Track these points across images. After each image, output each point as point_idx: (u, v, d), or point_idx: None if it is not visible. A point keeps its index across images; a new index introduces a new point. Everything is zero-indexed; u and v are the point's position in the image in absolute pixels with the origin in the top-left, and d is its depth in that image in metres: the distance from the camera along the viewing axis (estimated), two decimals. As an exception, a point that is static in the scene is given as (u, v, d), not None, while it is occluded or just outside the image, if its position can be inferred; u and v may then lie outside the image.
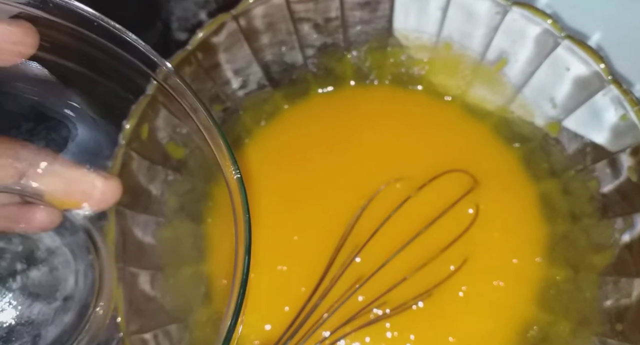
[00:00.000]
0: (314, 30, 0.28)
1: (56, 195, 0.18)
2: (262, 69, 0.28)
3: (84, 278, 0.20)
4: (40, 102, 0.19)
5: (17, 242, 0.20)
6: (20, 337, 0.19)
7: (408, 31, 0.28)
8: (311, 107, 0.30)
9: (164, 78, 0.17)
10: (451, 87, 0.29)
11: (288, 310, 0.25)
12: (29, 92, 0.19)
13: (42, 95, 0.19)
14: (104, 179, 0.18)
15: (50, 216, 0.19)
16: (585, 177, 0.26)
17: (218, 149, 0.16)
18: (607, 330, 0.23)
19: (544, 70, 0.26)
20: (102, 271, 0.21)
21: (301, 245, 0.27)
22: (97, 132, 0.20)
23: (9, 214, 0.19)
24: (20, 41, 0.16)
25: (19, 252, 0.20)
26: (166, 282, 0.23)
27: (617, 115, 0.24)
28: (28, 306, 0.19)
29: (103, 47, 0.17)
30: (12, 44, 0.16)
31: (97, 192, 0.18)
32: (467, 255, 0.26)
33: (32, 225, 0.19)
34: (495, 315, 0.26)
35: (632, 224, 0.24)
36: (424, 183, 0.27)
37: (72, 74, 0.18)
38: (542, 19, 0.24)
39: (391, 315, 0.25)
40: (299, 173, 0.28)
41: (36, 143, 0.19)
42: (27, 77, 0.18)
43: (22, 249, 0.20)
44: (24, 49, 0.16)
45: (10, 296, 0.19)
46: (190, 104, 0.17)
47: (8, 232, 0.20)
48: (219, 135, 0.16)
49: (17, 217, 0.19)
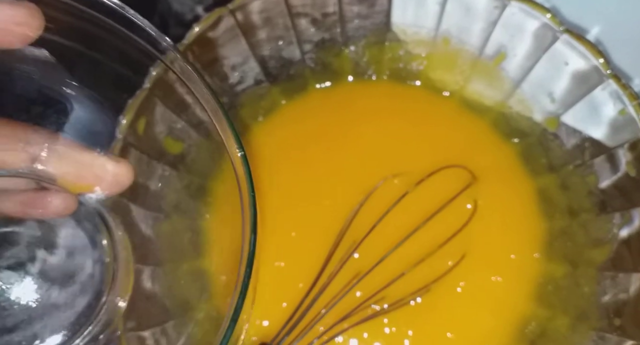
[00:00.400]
0: (311, 25, 0.27)
1: (68, 179, 0.18)
2: (259, 64, 0.28)
3: (99, 262, 0.21)
4: (45, 85, 0.19)
5: (35, 228, 0.20)
6: (40, 320, 0.19)
7: (406, 26, 0.28)
8: (309, 102, 0.29)
9: (171, 61, 0.17)
10: (449, 82, 0.29)
11: (286, 306, 0.25)
12: (35, 75, 0.18)
13: (46, 78, 0.19)
14: (116, 162, 0.18)
15: (66, 201, 0.19)
16: (583, 172, 0.26)
17: (223, 129, 0.16)
18: (605, 325, 0.23)
19: (543, 64, 0.26)
20: (116, 255, 0.21)
21: (299, 241, 0.27)
22: (101, 114, 0.20)
23: (25, 199, 0.19)
24: (25, 23, 0.16)
25: (38, 237, 0.20)
26: (165, 278, 0.23)
27: (615, 110, 0.24)
28: (46, 290, 0.20)
29: (109, 27, 0.16)
30: (17, 26, 0.15)
31: (109, 175, 0.18)
32: (465, 250, 0.26)
33: (48, 211, 0.19)
34: (493, 310, 0.26)
35: (630, 219, 0.24)
36: (422, 178, 0.27)
37: (75, 54, 0.18)
38: (540, 13, 0.24)
39: (389, 310, 0.25)
40: (296, 169, 0.28)
41: (47, 127, 0.19)
42: (32, 59, 0.18)
43: (40, 234, 0.20)
44: (30, 31, 0.16)
45: (30, 280, 0.20)
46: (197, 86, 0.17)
47: (25, 218, 0.20)
48: (224, 116, 0.16)
49: (34, 202, 0.19)
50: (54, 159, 0.18)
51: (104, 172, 0.18)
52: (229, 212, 0.20)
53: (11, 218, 0.20)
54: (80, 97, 0.19)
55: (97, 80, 0.19)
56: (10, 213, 0.20)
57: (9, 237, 0.20)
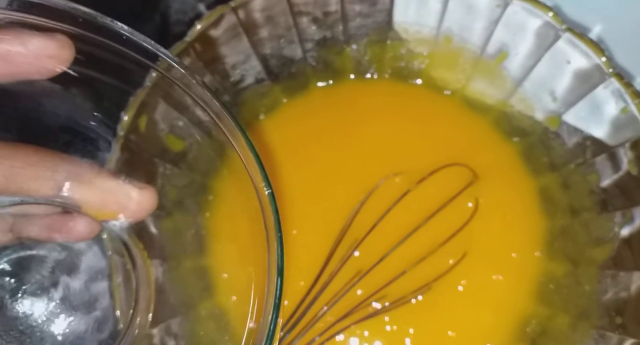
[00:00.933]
0: (313, 24, 0.27)
1: (93, 207, 0.19)
2: (261, 62, 0.28)
3: (122, 289, 0.21)
4: (70, 116, 0.19)
5: (59, 251, 0.20)
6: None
7: (408, 24, 0.28)
8: (310, 101, 0.29)
9: (167, 69, 0.17)
10: (451, 81, 0.29)
11: (287, 304, 0.25)
12: (62, 106, 0.19)
13: (73, 111, 0.19)
14: (139, 189, 0.19)
15: (90, 226, 0.19)
16: (585, 171, 0.26)
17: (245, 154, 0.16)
18: (606, 323, 0.23)
19: (545, 63, 0.26)
20: (138, 281, 0.21)
21: (300, 239, 0.27)
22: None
23: (50, 223, 0.19)
24: (57, 55, 0.16)
25: (61, 261, 0.20)
26: (170, 275, 0.23)
27: (617, 109, 0.24)
28: (69, 316, 0.20)
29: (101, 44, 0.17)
30: (49, 58, 0.16)
31: (132, 203, 0.18)
32: (467, 249, 0.26)
33: (72, 235, 0.19)
34: (494, 309, 0.26)
35: (632, 217, 0.24)
36: (423, 177, 0.27)
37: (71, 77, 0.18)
38: (542, 11, 0.24)
39: (390, 308, 0.25)
40: (298, 167, 0.28)
41: (73, 154, 0.19)
42: (60, 92, 0.18)
43: (63, 258, 0.20)
44: (60, 63, 0.16)
45: (53, 306, 0.20)
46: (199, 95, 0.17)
47: (49, 241, 0.20)
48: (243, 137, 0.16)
49: (59, 226, 0.19)
50: (79, 187, 0.18)
51: (128, 199, 0.18)
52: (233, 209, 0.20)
53: (35, 242, 0.20)
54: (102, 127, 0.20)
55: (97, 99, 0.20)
56: (34, 237, 0.20)
57: (33, 261, 0.20)
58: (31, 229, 0.19)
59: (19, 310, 0.19)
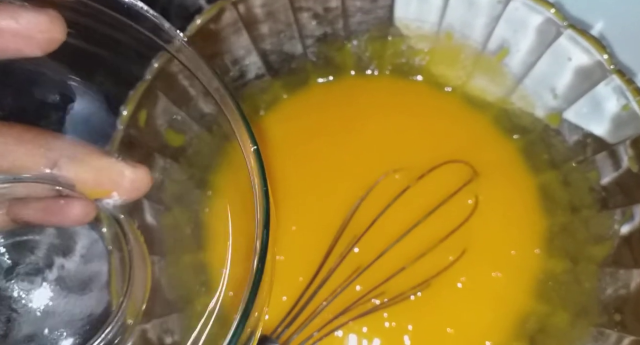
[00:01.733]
0: (313, 20, 0.27)
1: (87, 184, 0.19)
2: (261, 58, 0.28)
3: (117, 268, 0.21)
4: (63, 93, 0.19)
5: (53, 235, 0.20)
6: (57, 326, 0.19)
7: (409, 20, 0.28)
8: (310, 97, 0.29)
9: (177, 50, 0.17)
10: (451, 77, 0.29)
11: (286, 300, 0.25)
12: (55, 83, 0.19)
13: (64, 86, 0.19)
14: (133, 167, 0.18)
15: (85, 209, 0.19)
16: (585, 169, 0.26)
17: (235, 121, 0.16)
18: (606, 321, 0.23)
19: (546, 60, 0.25)
20: (132, 260, 0.21)
21: (299, 235, 0.26)
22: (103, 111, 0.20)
23: (45, 206, 0.19)
24: (48, 30, 0.16)
25: (55, 244, 0.20)
26: (168, 270, 0.23)
27: (618, 106, 0.24)
28: (64, 297, 0.20)
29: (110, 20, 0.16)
30: (40, 33, 0.16)
31: (126, 181, 0.18)
32: (466, 246, 0.26)
33: (67, 218, 0.19)
34: (493, 306, 0.26)
35: (632, 215, 0.24)
36: (423, 173, 0.27)
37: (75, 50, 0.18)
38: (544, 7, 0.24)
39: (389, 305, 0.25)
40: (297, 163, 0.28)
41: (65, 133, 0.19)
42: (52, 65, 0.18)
43: (58, 241, 0.20)
44: (52, 38, 0.16)
45: (48, 287, 0.20)
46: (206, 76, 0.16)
47: (44, 225, 0.20)
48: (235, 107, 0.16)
49: (54, 209, 0.19)
50: (72, 164, 0.18)
51: (122, 177, 0.18)
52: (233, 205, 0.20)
53: (31, 225, 0.20)
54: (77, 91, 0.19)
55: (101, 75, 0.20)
56: (30, 220, 0.20)
57: (29, 244, 0.20)
58: (27, 212, 0.19)
59: (13, 291, 0.19)
